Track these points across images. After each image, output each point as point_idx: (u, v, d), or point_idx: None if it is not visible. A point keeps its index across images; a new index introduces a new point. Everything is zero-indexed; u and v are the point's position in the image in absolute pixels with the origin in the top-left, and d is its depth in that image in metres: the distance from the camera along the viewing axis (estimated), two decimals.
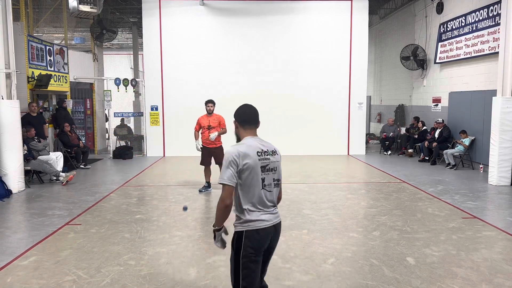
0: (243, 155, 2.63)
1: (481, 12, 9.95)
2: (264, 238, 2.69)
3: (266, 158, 2.71)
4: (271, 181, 2.73)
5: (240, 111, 2.85)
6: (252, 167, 2.63)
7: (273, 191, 2.76)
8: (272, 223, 2.73)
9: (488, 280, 3.94)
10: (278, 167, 2.79)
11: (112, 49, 22.44)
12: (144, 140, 13.04)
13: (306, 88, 12.67)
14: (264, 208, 2.70)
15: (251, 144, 2.71)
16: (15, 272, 4.15)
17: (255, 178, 2.65)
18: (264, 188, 2.69)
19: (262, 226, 2.67)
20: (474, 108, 10.34)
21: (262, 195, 2.69)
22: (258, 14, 12.53)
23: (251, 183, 2.65)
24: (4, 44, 7.64)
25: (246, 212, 2.67)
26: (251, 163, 2.63)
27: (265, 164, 2.70)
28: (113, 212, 6.34)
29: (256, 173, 2.65)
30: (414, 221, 5.84)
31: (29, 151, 8.43)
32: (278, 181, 2.79)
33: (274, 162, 2.75)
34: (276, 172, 2.77)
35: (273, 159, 2.76)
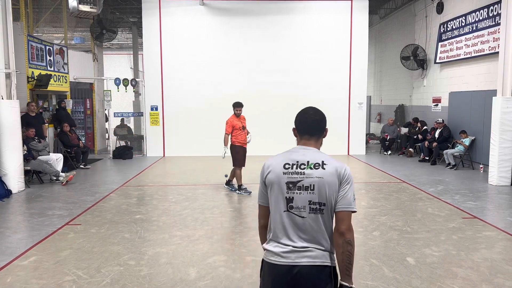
0: (267, 166, 2.10)
1: (481, 12, 9.95)
2: (275, 278, 2.01)
3: (298, 172, 2.02)
4: (305, 204, 2.00)
5: (297, 116, 2.23)
6: (274, 181, 2.05)
7: (308, 218, 2.00)
8: (289, 262, 1.98)
9: (488, 280, 3.93)
10: (319, 185, 2.00)
11: (112, 49, 22.44)
12: (144, 140, 13.04)
13: (306, 88, 12.66)
14: (285, 240, 2.01)
15: (286, 154, 2.12)
16: (15, 272, 4.15)
17: (277, 197, 2.04)
18: (289, 210, 2.02)
19: (272, 260, 2.03)
20: (474, 108, 10.34)
21: (285, 220, 2.02)
22: (258, 14, 12.53)
23: (273, 203, 2.07)
24: (4, 44, 7.63)
25: (268, 239, 2.12)
26: (272, 175, 2.06)
27: (294, 179, 2.01)
28: (113, 212, 6.33)
29: (279, 190, 2.04)
30: (414, 221, 5.84)
31: (29, 151, 8.43)
32: (319, 205, 2.00)
33: (311, 178, 2.00)
34: (315, 193, 1.99)
35: (312, 173, 2.01)
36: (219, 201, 7.02)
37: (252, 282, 3.91)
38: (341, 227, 2.00)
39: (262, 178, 2.11)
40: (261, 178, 2.12)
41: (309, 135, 2.15)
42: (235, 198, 7.28)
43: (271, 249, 2.05)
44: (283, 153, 2.14)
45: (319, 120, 2.18)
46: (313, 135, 2.15)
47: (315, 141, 2.16)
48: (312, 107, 2.23)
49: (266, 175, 2.09)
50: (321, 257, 2.00)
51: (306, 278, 1.97)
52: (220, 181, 8.74)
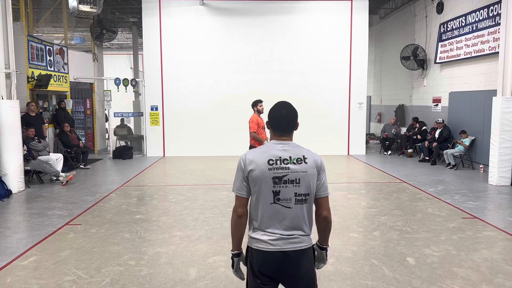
0: (249, 161, 2.22)
1: (481, 12, 9.95)
2: (265, 264, 2.22)
3: (283, 168, 2.20)
4: (291, 196, 2.20)
5: (270, 113, 2.37)
6: (258, 178, 2.20)
7: (294, 208, 2.21)
8: (278, 248, 2.20)
9: (488, 280, 3.93)
10: (304, 178, 2.21)
11: (112, 49, 22.44)
12: (144, 140, 13.04)
13: (306, 88, 12.67)
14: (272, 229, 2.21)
15: (265, 150, 2.26)
16: (15, 272, 4.15)
17: (263, 191, 2.20)
18: (277, 202, 2.20)
19: (261, 248, 2.23)
20: (474, 108, 10.34)
21: (272, 211, 2.21)
22: (258, 14, 12.53)
23: (258, 197, 2.23)
24: (4, 44, 7.64)
25: (253, 228, 2.29)
26: (257, 172, 2.20)
27: (279, 174, 2.19)
28: (113, 212, 6.33)
29: (265, 184, 2.20)
30: (414, 221, 5.84)
31: (29, 151, 8.43)
32: (304, 196, 2.22)
33: (296, 172, 2.20)
34: (301, 185, 2.20)
35: (296, 168, 2.20)
36: (219, 201, 7.02)
37: None
38: (323, 211, 2.30)
39: (244, 173, 2.24)
40: (242, 172, 2.24)
41: (283, 132, 2.31)
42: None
43: (259, 237, 2.23)
44: (261, 149, 2.28)
45: (293, 118, 2.33)
46: (287, 132, 2.32)
47: (289, 135, 2.33)
48: (285, 103, 2.38)
49: (250, 172, 2.21)
50: (304, 241, 2.24)
51: (293, 261, 2.21)
52: (220, 181, 8.74)
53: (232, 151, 12.54)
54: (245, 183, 2.25)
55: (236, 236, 2.35)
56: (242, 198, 2.27)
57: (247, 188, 2.26)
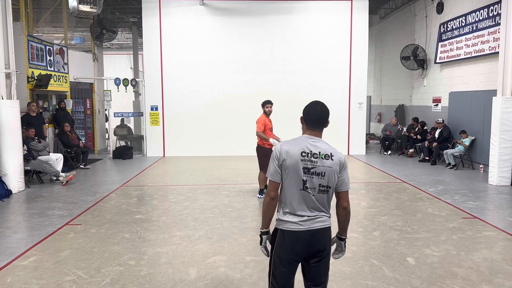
0: (285, 151, 2.54)
1: (481, 12, 9.95)
2: (296, 242, 2.55)
3: (312, 161, 2.52)
4: (316, 186, 2.54)
5: (306, 109, 2.68)
6: (292, 166, 2.51)
7: (317, 196, 2.55)
8: (307, 228, 2.54)
9: (488, 280, 3.93)
10: (328, 173, 2.53)
11: (112, 49, 22.44)
12: (144, 140, 13.04)
13: (306, 88, 12.66)
14: (301, 212, 2.54)
15: (299, 143, 2.58)
16: (15, 272, 4.15)
17: (294, 179, 2.53)
18: (305, 189, 2.53)
19: (293, 228, 2.55)
20: (474, 108, 10.34)
21: (301, 197, 2.54)
22: (258, 14, 12.53)
23: (290, 183, 2.54)
24: (4, 44, 7.64)
25: (282, 211, 2.60)
26: (291, 161, 2.51)
27: (309, 166, 2.52)
28: (113, 212, 6.33)
29: (296, 173, 2.52)
30: (414, 221, 5.84)
31: (29, 151, 8.42)
32: (326, 187, 2.55)
33: (323, 166, 2.53)
34: (325, 178, 2.54)
35: (324, 163, 2.53)
36: (219, 201, 7.02)
37: (252, 282, 3.91)
38: (344, 203, 2.65)
39: (279, 161, 2.56)
40: (278, 160, 2.57)
41: (316, 127, 2.65)
42: (235, 198, 7.28)
43: (290, 219, 2.57)
44: (294, 141, 2.61)
45: (325, 115, 2.67)
46: (319, 127, 2.66)
47: (320, 131, 2.67)
48: (319, 102, 2.70)
49: (284, 160, 2.54)
50: (326, 220, 2.61)
51: (320, 237, 2.59)
52: (219, 181, 8.74)
53: (232, 151, 12.54)
54: (279, 169, 2.56)
55: (267, 216, 2.64)
56: (275, 183, 2.58)
57: (281, 174, 2.56)
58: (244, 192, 7.68)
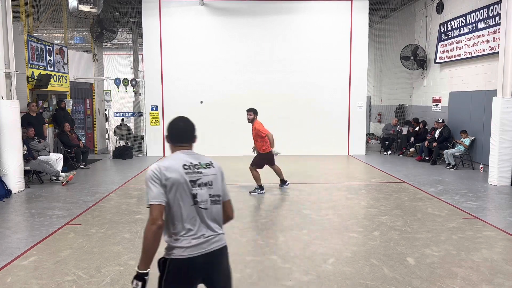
0: (165, 168, 2.28)
1: (481, 12, 9.95)
2: (192, 270, 2.31)
3: (196, 172, 2.36)
4: (207, 197, 2.36)
5: (169, 127, 2.49)
6: (177, 181, 2.28)
7: (210, 208, 2.36)
8: (203, 251, 2.31)
9: (488, 280, 3.93)
10: (215, 181, 2.41)
11: (112, 49, 22.44)
12: (144, 140, 13.04)
13: (306, 88, 12.67)
14: (196, 232, 2.31)
15: (175, 158, 2.38)
16: (15, 272, 4.15)
17: (183, 195, 2.29)
18: (196, 204, 2.32)
19: (187, 255, 2.29)
20: (474, 108, 10.34)
21: (194, 214, 2.32)
22: (258, 14, 12.53)
23: (178, 201, 2.28)
24: (4, 44, 7.63)
25: (172, 237, 2.34)
26: (176, 176, 2.28)
27: (195, 178, 2.34)
28: (113, 212, 6.33)
29: (183, 188, 2.29)
30: (414, 221, 5.84)
31: (29, 151, 8.42)
32: (217, 197, 2.41)
33: (208, 175, 2.39)
34: (214, 187, 2.40)
35: (207, 172, 2.40)
36: None
37: (252, 282, 3.91)
38: (231, 212, 2.59)
39: (161, 180, 2.26)
40: (159, 180, 2.26)
41: (184, 142, 2.48)
42: (235, 198, 7.28)
43: (184, 245, 2.30)
44: (170, 157, 2.39)
45: (190, 130, 2.51)
46: (187, 142, 2.49)
47: (190, 146, 2.51)
48: (182, 118, 2.53)
49: (167, 177, 2.27)
50: (222, 238, 2.44)
51: (217, 260, 2.40)
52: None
53: (232, 151, 12.54)
54: (163, 189, 2.26)
55: (151, 251, 2.35)
56: (160, 206, 2.24)
57: (165, 195, 2.27)
58: (244, 192, 7.68)
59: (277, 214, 6.22)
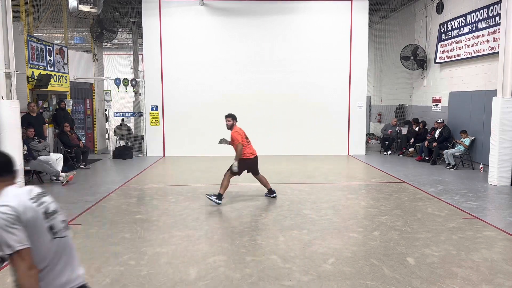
0: (19, 206, 2.00)
1: (481, 12, 9.95)
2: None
3: (42, 202, 2.12)
4: (60, 225, 2.16)
5: None
6: (33, 217, 2.02)
7: (64, 238, 2.17)
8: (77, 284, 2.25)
9: (488, 280, 3.93)
10: (57, 207, 2.22)
11: (112, 49, 22.44)
12: (144, 140, 13.04)
13: (306, 88, 12.67)
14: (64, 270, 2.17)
15: (14, 194, 2.05)
16: None
17: (42, 230, 2.05)
18: (55, 236, 2.11)
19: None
20: (474, 108, 10.34)
21: (55, 248, 2.11)
22: (258, 14, 12.53)
23: (38, 238, 2.03)
24: (4, 44, 7.63)
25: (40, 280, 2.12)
26: (30, 213, 2.01)
27: (45, 208, 2.11)
28: (113, 212, 6.33)
29: (41, 223, 2.05)
30: (414, 221, 5.84)
31: (29, 151, 8.42)
32: (65, 221, 2.24)
33: (51, 202, 2.19)
34: (60, 213, 2.22)
35: (48, 199, 2.18)
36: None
37: (252, 282, 3.91)
38: None
39: (21, 222, 1.97)
40: (19, 221, 1.97)
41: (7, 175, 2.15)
42: (235, 198, 7.28)
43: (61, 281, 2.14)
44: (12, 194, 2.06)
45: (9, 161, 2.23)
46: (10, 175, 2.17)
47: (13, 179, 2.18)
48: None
49: (25, 216, 1.99)
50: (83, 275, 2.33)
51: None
52: (219, 181, 8.73)
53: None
54: (25, 232, 1.98)
55: None
56: (30, 250, 2.01)
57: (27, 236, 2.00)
58: (244, 192, 7.68)
59: (277, 214, 6.22)
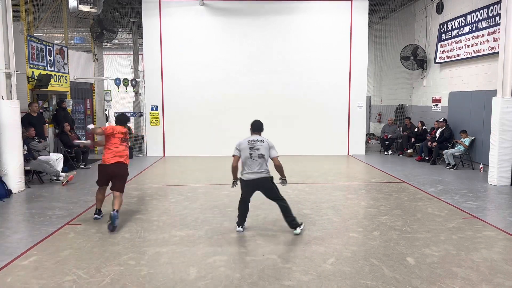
0: (239, 143, 5.43)
1: (481, 12, 9.95)
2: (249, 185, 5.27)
3: (253, 142, 5.29)
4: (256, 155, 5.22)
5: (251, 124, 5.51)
6: (244, 148, 5.31)
7: (258, 159, 5.20)
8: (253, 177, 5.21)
9: (488, 280, 3.94)
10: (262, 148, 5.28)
11: (112, 49, 22.44)
12: (144, 140, 13.04)
13: (306, 88, 12.67)
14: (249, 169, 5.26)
15: (247, 138, 5.38)
16: (15, 272, 4.16)
17: (246, 153, 5.28)
18: (250, 157, 5.23)
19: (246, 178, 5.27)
20: (474, 108, 10.34)
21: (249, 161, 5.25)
22: (258, 14, 12.53)
23: (243, 155, 5.34)
24: (4, 44, 7.64)
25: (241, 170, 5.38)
26: (244, 146, 5.33)
27: (251, 146, 5.26)
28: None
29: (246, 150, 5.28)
30: (414, 221, 5.84)
31: (29, 151, 8.43)
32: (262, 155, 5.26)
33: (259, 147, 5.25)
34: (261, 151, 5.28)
35: (259, 144, 5.26)
36: (219, 201, 7.02)
37: (252, 282, 3.91)
38: (276, 162, 5.23)
39: (238, 147, 5.37)
40: (237, 146, 5.39)
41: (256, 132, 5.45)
42: (235, 198, 7.27)
43: (246, 174, 5.25)
44: (246, 138, 5.35)
45: (262, 125, 5.48)
46: (258, 132, 5.44)
47: (259, 133, 5.41)
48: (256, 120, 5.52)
49: (240, 146, 5.32)
50: (265, 172, 5.23)
51: (261, 182, 5.21)
52: (220, 181, 8.75)
53: (232, 151, 12.53)
54: (239, 150, 5.35)
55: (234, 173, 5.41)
56: (236, 157, 5.37)
57: (239, 152, 5.34)
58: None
59: (277, 214, 6.21)
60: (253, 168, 5.13)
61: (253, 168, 5.13)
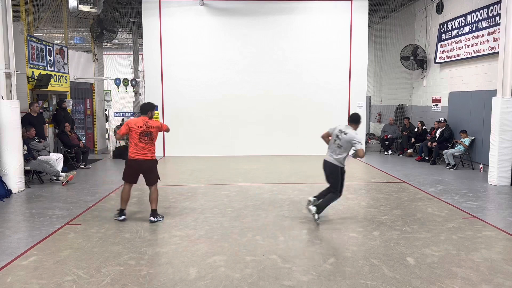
0: (333, 128, 5.92)
1: (481, 12, 9.95)
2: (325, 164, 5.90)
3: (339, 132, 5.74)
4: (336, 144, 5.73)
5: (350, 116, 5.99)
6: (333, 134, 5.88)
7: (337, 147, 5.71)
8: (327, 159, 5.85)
9: (488, 280, 3.94)
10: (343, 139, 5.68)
11: (112, 49, 22.46)
12: None
13: (306, 88, 12.67)
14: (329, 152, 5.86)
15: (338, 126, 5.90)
16: (15, 272, 4.16)
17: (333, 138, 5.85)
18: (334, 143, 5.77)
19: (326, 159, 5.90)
20: (474, 108, 10.34)
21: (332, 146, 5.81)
22: (258, 14, 12.53)
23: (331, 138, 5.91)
24: (4, 44, 7.63)
25: None
26: (335, 132, 5.87)
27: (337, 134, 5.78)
28: (113, 212, 6.33)
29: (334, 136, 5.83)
30: (414, 221, 5.84)
31: (29, 151, 8.43)
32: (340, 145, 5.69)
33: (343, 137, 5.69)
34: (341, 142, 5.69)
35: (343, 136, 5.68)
36: (219, 201, 7.02)
37: (252, 282, 3.91)
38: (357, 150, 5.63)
39: (331, 131, 5.89)
40: (331, 130, 5.92)
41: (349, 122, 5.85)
42: (235, 198, 7.29)
43: (327, 155, 5.86)
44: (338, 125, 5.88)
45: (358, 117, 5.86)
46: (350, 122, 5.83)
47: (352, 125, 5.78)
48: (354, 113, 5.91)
49: (333, 131, 5.83)
50: (335, 160, 5.71)
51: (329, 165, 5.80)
52: (220, 181, 8.74)
53: (232, 151, 12.56)
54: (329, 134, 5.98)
55: None
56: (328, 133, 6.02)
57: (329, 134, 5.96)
58: (244, 192, 7.69)
59: (277, 214, 6.23)
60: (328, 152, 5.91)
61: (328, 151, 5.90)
